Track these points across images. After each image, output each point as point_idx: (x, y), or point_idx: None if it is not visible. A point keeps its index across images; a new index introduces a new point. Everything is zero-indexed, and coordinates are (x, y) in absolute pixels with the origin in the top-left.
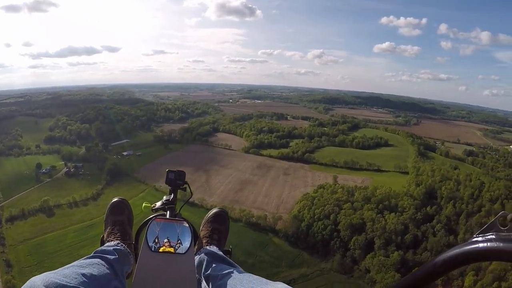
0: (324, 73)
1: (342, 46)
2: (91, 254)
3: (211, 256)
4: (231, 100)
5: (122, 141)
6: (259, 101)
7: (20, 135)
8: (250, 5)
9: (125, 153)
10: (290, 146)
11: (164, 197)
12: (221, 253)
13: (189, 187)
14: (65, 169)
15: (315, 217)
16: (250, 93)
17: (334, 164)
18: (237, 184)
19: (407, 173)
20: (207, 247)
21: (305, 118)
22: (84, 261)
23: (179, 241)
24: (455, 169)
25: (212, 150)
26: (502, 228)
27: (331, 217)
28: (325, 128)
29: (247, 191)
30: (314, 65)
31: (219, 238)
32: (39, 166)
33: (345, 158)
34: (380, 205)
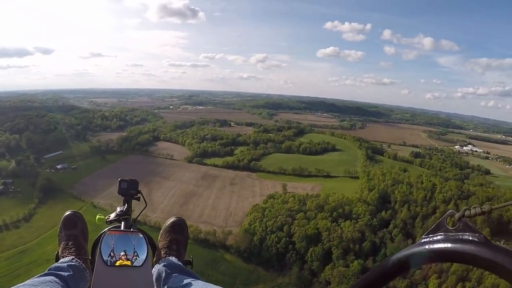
0: (267, 77)
1: (286, 50)
2: (45, 272)
3: (170, 267)
4: (171, 107)
5: (56, 153)
6: (201, 107)
7: None
8: (192, 7)
9: (59, 167)
10: (235, 154)
11: (118, 208)
12: (180, 263)
13: (143, 197)
14: None
15: (268, 229)
16: (191, 99)
17: (282, 171)
18: (181, 197)
19: (357, 178)
20: (166, 258)
21: (249, 124)
22: (36, 279)
23: (136, 254)
24: (404, 171)
25: (152, 160)
26: (450, 228)
27: (285, 228)
28: (270, 134)
29: (192, 204)
30: (257, 70)
31: (178, 248)
32: None
33: (293, 165)
34: (334, 213)
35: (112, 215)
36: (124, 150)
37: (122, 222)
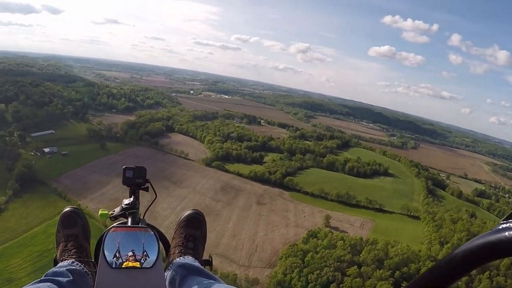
0: (306, 72)
1: (333, 43)
2: (41, 278)
3: (186, 268)
4: (192, 92)
5: (46, 132)
6: (227, 97)
7: None
8: None
9: (46, 150)
10: (265, 163)
11: (124, 201)
12: (197, 264)
13: (152, 186)
14: None
15: (310, 286)
16: (216, 85)
17: (324, 195)
18: None
19: (418, 218)
20: (181, 258)
21: (282, 126)
22: (31, 287)
23: (145, 253)
24: (472, 216)
25: (162, 157)
26: None
27: (332, 287)
28: (309, 142)
29: (207, 227)
30: (296, 61)
31: (195, 246)
32: None
33: (337, 188)
34: (397, 272)
35: (117, 209)
36: (129, 139)
37: (129, 217)
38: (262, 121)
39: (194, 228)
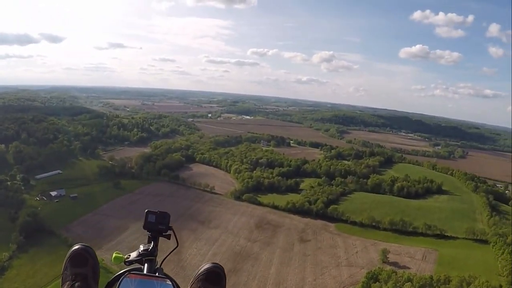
0: (332, 82)
1: (358, 48)
2: None
3: None
4: (210, 115)
5: (52, 172)
6: (249, 117)
7: None
8: None
9: (53, 193)
10: (303, 190)
11: (141, 246)
12: None
13: (174, 234)
14: None
15: None
16: (236, 105)
17: (375, 223)
18: (227, 259)
19: (485, 242)
20: None
21: (315, 145)
22: None
23: None
24: None
25: (185, 193)
26: None
27: None
28: (348, 162)
29: (245, 274)
30: (320, 72)
31: None
32: None
33: (389, 214)
34: None
35: (134, 254)
36: (145, 175)
37: (145, 264)
38: (291, 141)
39: (213, 283)
